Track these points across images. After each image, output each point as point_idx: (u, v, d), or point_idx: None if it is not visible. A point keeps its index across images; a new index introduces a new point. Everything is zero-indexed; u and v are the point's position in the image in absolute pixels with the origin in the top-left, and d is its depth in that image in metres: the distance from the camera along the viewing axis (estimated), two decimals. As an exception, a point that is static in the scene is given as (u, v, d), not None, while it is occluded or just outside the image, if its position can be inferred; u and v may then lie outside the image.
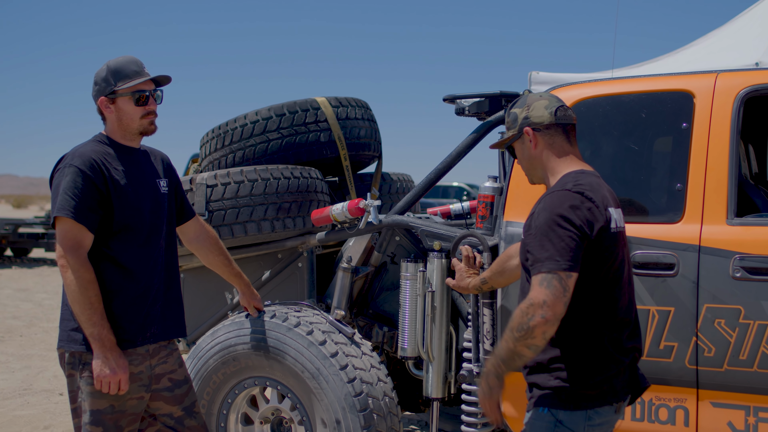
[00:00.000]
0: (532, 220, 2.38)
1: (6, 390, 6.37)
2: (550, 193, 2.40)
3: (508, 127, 2.62)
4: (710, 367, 2.98)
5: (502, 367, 2.33)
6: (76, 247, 2.77)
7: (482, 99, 3.80)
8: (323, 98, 4.32)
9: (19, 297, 11.80)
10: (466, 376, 3.47)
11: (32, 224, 17.07)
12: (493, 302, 3.35)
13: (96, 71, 2.98)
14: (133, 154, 3.01)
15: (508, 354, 2.30)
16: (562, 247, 2.27)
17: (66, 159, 2.86)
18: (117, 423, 2.85)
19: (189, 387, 3.12)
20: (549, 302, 2.23)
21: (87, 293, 2.74)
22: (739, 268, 2.93)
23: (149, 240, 2.96)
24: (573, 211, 2.31)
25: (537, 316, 2.23)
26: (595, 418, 2.38)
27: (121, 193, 2.87)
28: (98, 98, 2.94)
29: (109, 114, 2.95)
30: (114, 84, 2.92)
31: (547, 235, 2.29)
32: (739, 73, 3.17)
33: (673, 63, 3.84)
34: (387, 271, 3.94)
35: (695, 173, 3.09)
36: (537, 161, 2.56)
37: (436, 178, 3.81)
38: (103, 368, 2.76)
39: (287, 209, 3.94)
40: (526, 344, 2.25)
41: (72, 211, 2.76)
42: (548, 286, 2.24)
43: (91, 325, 2.75)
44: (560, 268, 2.25)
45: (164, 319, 3.03)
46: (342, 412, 3.42)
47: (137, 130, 2.97)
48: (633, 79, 3.44)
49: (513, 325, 2.27)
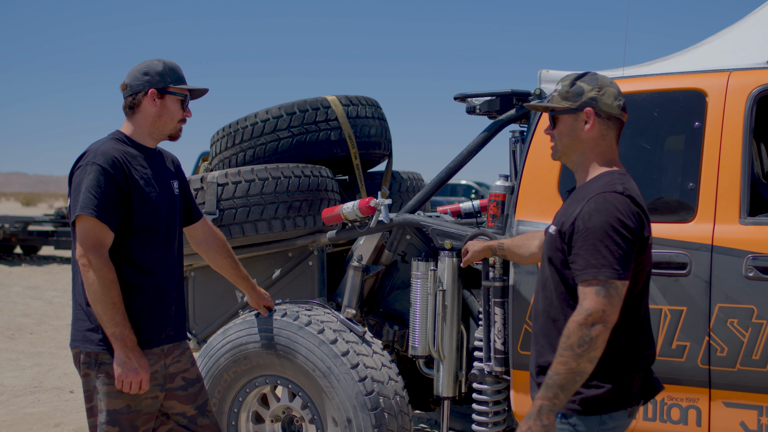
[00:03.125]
0: (582, 221, 2.27)
1: (17, 387, 6.40)
2: (600, 193, 2.30)
3: (565, 97, 2.45)
4: (723, 367, 2.96)
5: (561, 397, 2.20)
6: (98, 246, 2.75)
7: (493, 98, 3.79)
8: (334, 97, 4.32)
9: (29, 295, 11.85)
10: (477, 375, 3.46)
11: (42, 222, 17.12)
12: (505, 301, 3.35)
13: (145, 63, 2.96)
14: (151, 154, 3.00)
15: (568, 377, 2.18)
16: (620, 255, 2.20)
17: (88, 156, 2.83)
18: (133, 423, 2.85)
19: (201, 386, 3.13)
20: (608, 312, 2.18)
21: (110, 293, 2.73)
22: (752, 267, 2.92)
23: (166, 241, 2.97)
24: (629, 217, 2.24)
25: (598, 325, 2.17)
26: (609, 423, 2.33)
27: (141, 194, 2.86)
28: (148, 88, 2.90)
29: (152, 108, 2.92)
30: (170, 81, 2.93)
31: (603, 240, 2.21)
32: (751, 72, 3.16)
33: (684, 61, 3.81)
34: (398, 270, 3.94)
35: (708, 172, 3.08)
36: (581, 145, 2.44)
37: (447, 176, 3.81)
38: (125, 368, 2.75)
39: (298, 208, 3.94)
40: (589, 358, 2.17)
41: (95, 209, 2.74)
42: (606, 296, 2.18)
43: (113, 325, 2.74)
44: (617, 277, 2.19)
45: (178, 321, 3.04)
46: (353, 410, 3.42)
47: (169, 132, 2.99)
48: (645, 77, 3.43)
49: (572, 342, 2.17)
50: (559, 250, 2.35)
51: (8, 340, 8.38)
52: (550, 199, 3.28)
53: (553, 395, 2.20)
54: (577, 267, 2.26)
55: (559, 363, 2.19)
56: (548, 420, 2.20)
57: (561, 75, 3.72)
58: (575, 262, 2.27)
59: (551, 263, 2.39)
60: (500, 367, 3.37)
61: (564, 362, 2.18)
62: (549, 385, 2.20)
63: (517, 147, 3.73)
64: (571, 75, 2.49)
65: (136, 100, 2.93)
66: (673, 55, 4.01)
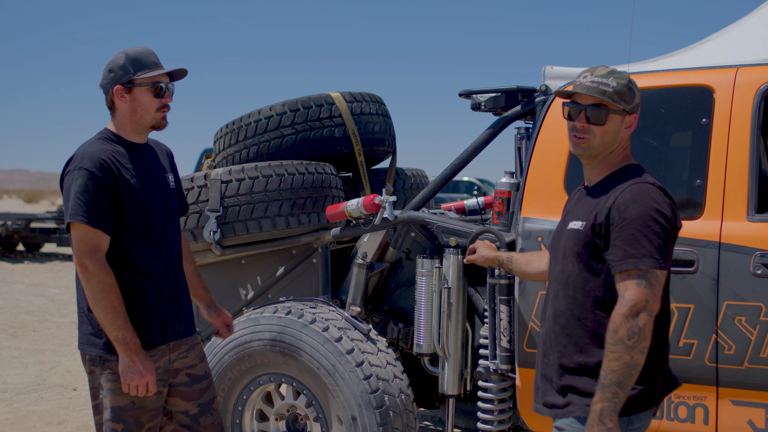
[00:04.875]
0: (618, 212, 2.25)
1: (19, 385, 6.39)
2: (634, 183, 2.29)
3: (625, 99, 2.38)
4: (730, 365, 2.95)
5: (620, 395, 2.15)
6: (93, 251, 2.72)
7: (498, 94, 3.77)
8: (337, 93, 4.31)
9: (31, 292, 11.85)
10: (482, 373, 3.45)
11: (44, 219, 17.11)
12: (510, 299, 3.33)
13: (110, 59, 2.88)
14: (141, 150, 2.93)
15: (624, 372, 2.14)
16: (659, 245, 2.20)
17: (75, 161, 2.78)
18: (138, 419, 2.84)
19: (209, 383, 3.09)
20: (651, 301, 2.17)
21: (109, 297, 2.71)
22: (759, 264, 2.90)
23: (163, 238, 2.92)
24: (668, 207, 2.26)
25: (644, 314, 2.16)
26: (636, 423, 2.31)
27: (133, 193, 2.81)
28: (113, 86, 2.84)
29: (123, 104, 2.86)
30: (133, 73, 2.83)
31: (642, 230, 2.20)
32: (759, 68, 3.14)
33: (690, 58, 3.79)
34: (402, 267, 3.92)
35: (715, 169, 3.06)
36: (617, 144, 2.42)
37: (452, 173, 3.79)
38: (130, 372, 2.74)
39: (302, 205, 3.92)
40: (641, 349, 2.15)
41: (85, 215, 2.70)
42: (648, 285, 2.18)
43: (115, 329, 2.72)
44: (658, 266, 2.19)
45: (184, 316, 3.01)
46: (358, 408, 3.41)
47: (150, 123, 2.90)
48: (651, 73, 3.41)
49: (621, 336, 2.15)
50: (589, 243, 2.32)
51: (11, 338, 8.38)
52: (556, 196, 3.26)
53: (612, 395, 2.16)
54: (614, 258, 2.24)
55: (612, 360, 2.16)
56: (611, 422, 2.15)
57: (565, 71, 3.69)
58: (612, 253, 2.25)
59: (578, 259, 2.35)
60: (506, 365, 3.36)
61: (617, 357, 2.15)
62: (605, 385, 2.16)
63: (522, 143, 3.71)
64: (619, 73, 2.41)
65: (108, 100, 2.88)
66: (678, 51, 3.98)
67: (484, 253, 3.24)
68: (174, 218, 3.01)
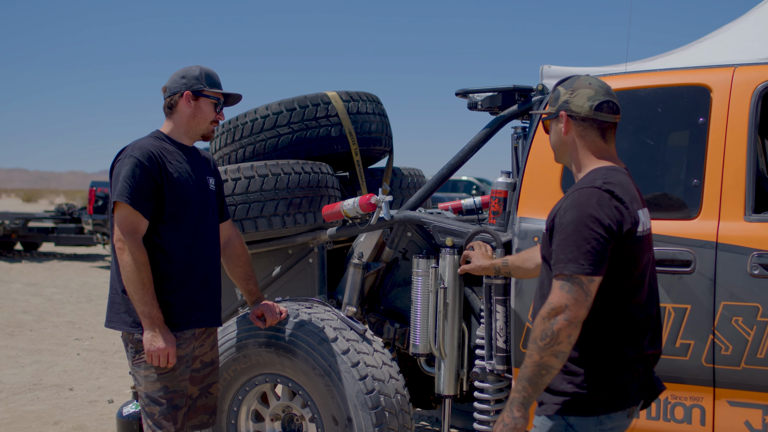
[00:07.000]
0: (558, 217, 2.29)
1: (16, 385, 6.38)
2: (578, 189, 2.31)
3: (550, 102, 2.52)
4: (727, 366, 2.93)
5: (529, 390, 2.20)
6: (132, 232, 3.02)
7: (495, 93, 3.76)
8: (334, 92, 4.29)
9: (29, 291, 11.83)
10: (478, 373, 3.44)
11: (42, 218, 17.09)
12: (506, 299, 3.32)
13: (184, 68, 3.25)
14: (187, 151, 3.25)
15: (534, 370, 2.19)
16: (588, 250, 2.19)
17: (126, 150, 3.11)
18: (172, 402, 3.12)
19: (213, 368, 3.37)
20: (570, 306, 2.18)
21: (141, 274, 3.00)
22: (757, 265, 2.89)
23: (198, 230, 3.19)
24: (602, 211, 2.23)
25: (560, 319, 2.17)
26: (607, 423, 2.32)
27: (173, 185, 3.11)
28: (183, 90, 3.19)
29: (187, 108, 3.20)
30: (204, 85, 3.21)
31: (572, 235, 2.22)
32: (757, 67, 3.13)
33: (687, 57, 3.78)
34: (398, 267, 3.91)
35: (712, 169, 3.05)
36: (565, 147, 2.47)
37: (448, 173, 3.78)
38: (153, 342, 3.02)
39: (298, 205, 3.91)
40: (553, 352, 2.17)
41: (129, 197, 3.01)
42: (569, 291, 2.19)
43: (142, 304, 3.01)
44: (583, 272, 2.19)
45: (210, 306, 3.27)
46: (354, 409, 3.39)
47: (202, 132, 3.26)
48: (648, 73, 3.39)
49: (536, 335, 2.20)
50: (549, 247, 2.36)
51: (8, 337, 8.36)
52: (553, 196, 3.25)
53: (522, 388, 2.22)
54: (552, 263, 2.28)
55: (527, 357, 2.22)
56: (519, 412, 2.22)
57: (563, 71, 3.68)
58: (552, 259, 2.29)
59: (545, 262, 2.40)
60: (502, 365, 3.35)
61: (529, 355, 2.21)
62: (519, 377, 2.23)
63: (519, 143, 3.70)
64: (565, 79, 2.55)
65: (173, 101, 3.23)
66: (676, 50, 3.97)
67: (480, 263, 3.25)
68: (210, 216, 3.28)
